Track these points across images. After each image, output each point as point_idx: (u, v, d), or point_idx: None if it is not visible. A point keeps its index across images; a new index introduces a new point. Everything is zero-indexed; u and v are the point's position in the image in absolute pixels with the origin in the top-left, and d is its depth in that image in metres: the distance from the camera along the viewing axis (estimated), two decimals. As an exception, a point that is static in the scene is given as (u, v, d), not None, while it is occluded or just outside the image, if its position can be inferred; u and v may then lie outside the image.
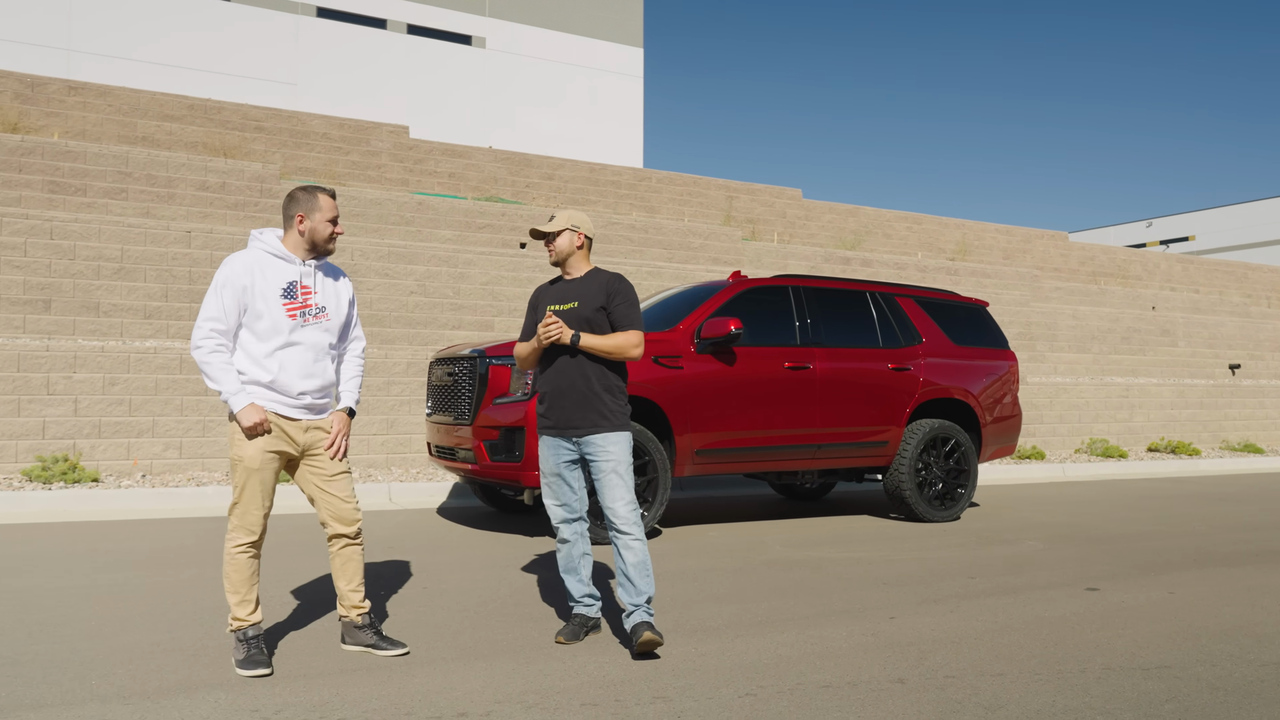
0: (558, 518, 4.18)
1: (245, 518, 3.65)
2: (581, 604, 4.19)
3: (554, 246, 4.22)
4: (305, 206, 3.71)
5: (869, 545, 6.82)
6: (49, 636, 3.99)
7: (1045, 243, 21.56)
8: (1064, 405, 14.57)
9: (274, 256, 3.72)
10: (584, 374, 4.08)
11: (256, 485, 3.64)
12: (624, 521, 4.01)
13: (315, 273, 3.79)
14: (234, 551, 3.66)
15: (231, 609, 3.66)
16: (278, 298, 3.66)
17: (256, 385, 3.65)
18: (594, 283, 4.20)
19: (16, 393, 8.57)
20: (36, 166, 11.19)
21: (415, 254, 11.64)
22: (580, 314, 4.12)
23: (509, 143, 24.08)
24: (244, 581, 3.66)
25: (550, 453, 4.15)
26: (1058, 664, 3.95)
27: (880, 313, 8.15)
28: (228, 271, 3.63)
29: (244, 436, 3.63)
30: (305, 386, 3.70)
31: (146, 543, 6.28)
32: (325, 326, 3.78)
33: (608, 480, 4.03)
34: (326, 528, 3.81)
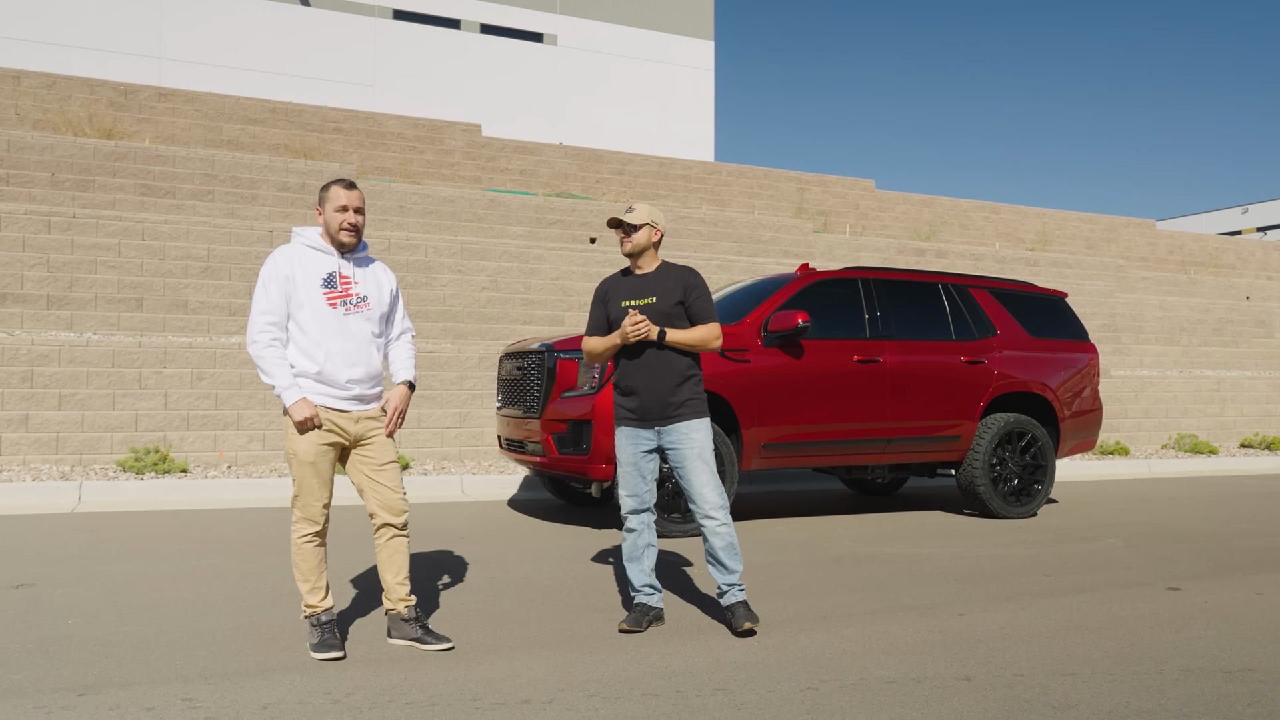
0: (628, 507, 4.25)
1: (307, 509, 3.76)
2: (642, 593, 4.26)
3: (633, 239, 4.27)
4: (321, 200, 3.82)
5: (940, 541, 6.71)
6: (137, 619, 4.19)
7: (1131, 231, 20.82)
8: (1150, 399, 14.07)
9: (313, 249, 3.81)
10: (666, 365, 4.18)
11: (313, 477, 3.73)
12: (712, 506, 4.12)
13: (354, 263, 3.86)
14: (300, 542, 3.77)
15: (304, 596, 3.78)
16: (318, 288, 3.74)
17: (305, 377, 3.73)
18: (669, 278, 4.27)
19: (112, 387, 8.98)
20: (129, 170, 11.69)
21: (487, 250, 11.83)
22: (659, 309, 4.20)
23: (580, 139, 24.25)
24: (313, 569, 3.77)
25: (629, 443, 4.23)
26: (1134, 665, 3.83)
27: (953, 305, 7.99)
28: (271, 265, 3.73)
29: (296, 431, 3.73)
30: (352, 375, 3.77)
31: (230, 531, 6.53)
32: (367, 316, 3.84)
33: (693, 467, 4.13)
34: (374, 518, 3.88)
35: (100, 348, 9.02)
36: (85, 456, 8.71)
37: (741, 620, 4.07)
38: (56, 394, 8.76)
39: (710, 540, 4.17)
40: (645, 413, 4.19)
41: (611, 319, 4.32)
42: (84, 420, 8.77)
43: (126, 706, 3.13)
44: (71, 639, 3.87)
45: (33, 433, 8.61)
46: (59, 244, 9.94)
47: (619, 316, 4.27)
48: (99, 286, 9.93)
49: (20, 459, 8.51)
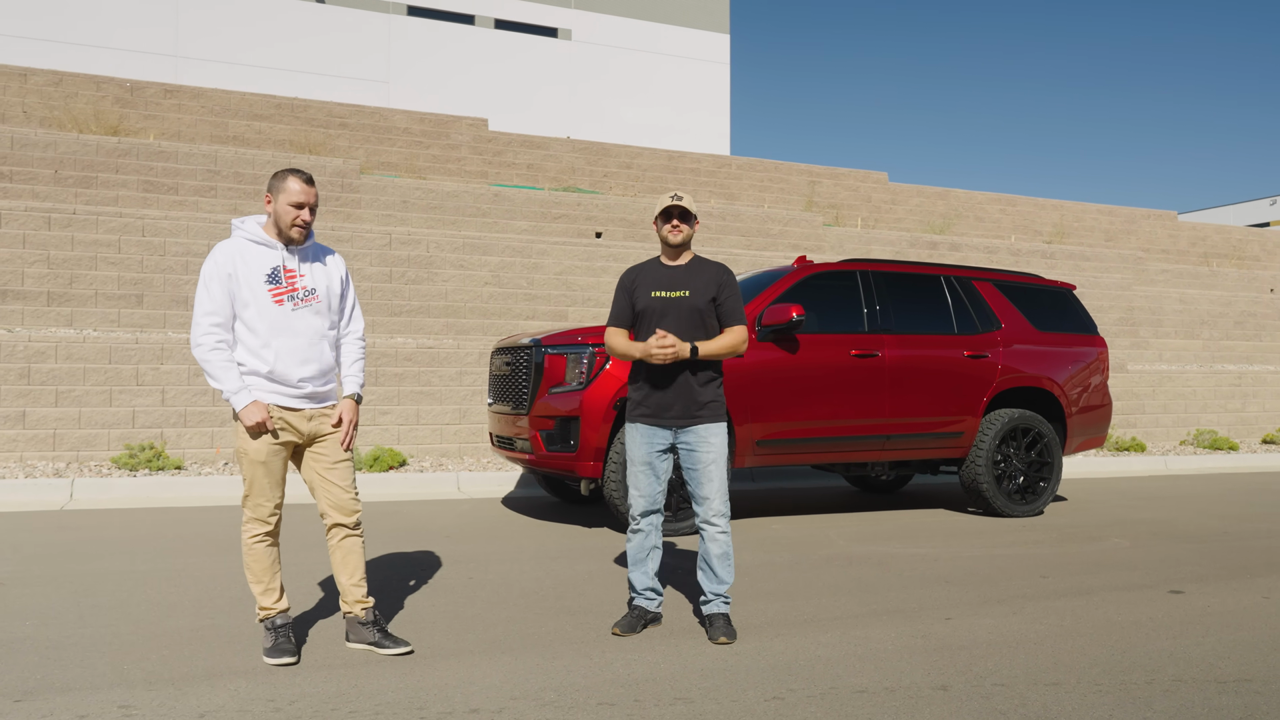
0: (639, 508, 4.12)
1: (257, 509, 3.65)
2: (643, 597, 4.13)
3: (684, 229, 4.13)
4: (273, 188, 3.60)
5: (938, 541, 6.53)
6: (98, 620, 4.10)
7: (1151, 223, 20.42)
8: (1168, 394, 13.75)
9: (254, 243, 3.63)
10: (692, 365, 4.06)
11: (264, 476, 3.62)
12: (716, 513, 4.04)
13: (299, 256, 3.68)
14: (250, 542, 3.66)
15: (257, 599, 3.68)
16: (262, 284, 3.59)
17: (256, 376, 3.61)
18: (703, 272, 4.15)
19: (109, 384, 8.95)
20: (132, 167, 11.68)
21: (490, 245, 11.72)
22: (692, 304, 4.09)
23: (595, 134, 24.11)
24: (265, 570, 3.67)
25: (644, 440, 4.10)
26: (1123, 673, 3.65)
27: (955, 298, 7.79)
28: (211, 263, 3.56)
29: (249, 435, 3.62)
30: (304, 373, 3.65)
31: (214, 529, 6.45)
32: (317, 309, 3.69)
33: (707, 471, 4.04)
34: (325, 518, 3.76)
35: (97, 344, 9.00)
36: (82, 453, 8.68)
37: (718, 633, 3.96)
38: (54, 390, 8.74)
39: (707, 545, 4.07)
40: (664, 411, 4.06)
41: (638, 309, 4.17)
42: (81, 417, 8.75)
43: (60, 714, 3.03)
44: (25, 641, 3.78)
45: (29, 429, 8.59)
46: (59, 241, 9.93)
47: (647, 307, 4.12)
48: (99, 283, 9.91)
49: (17, 456, 8.49)
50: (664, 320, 4.08)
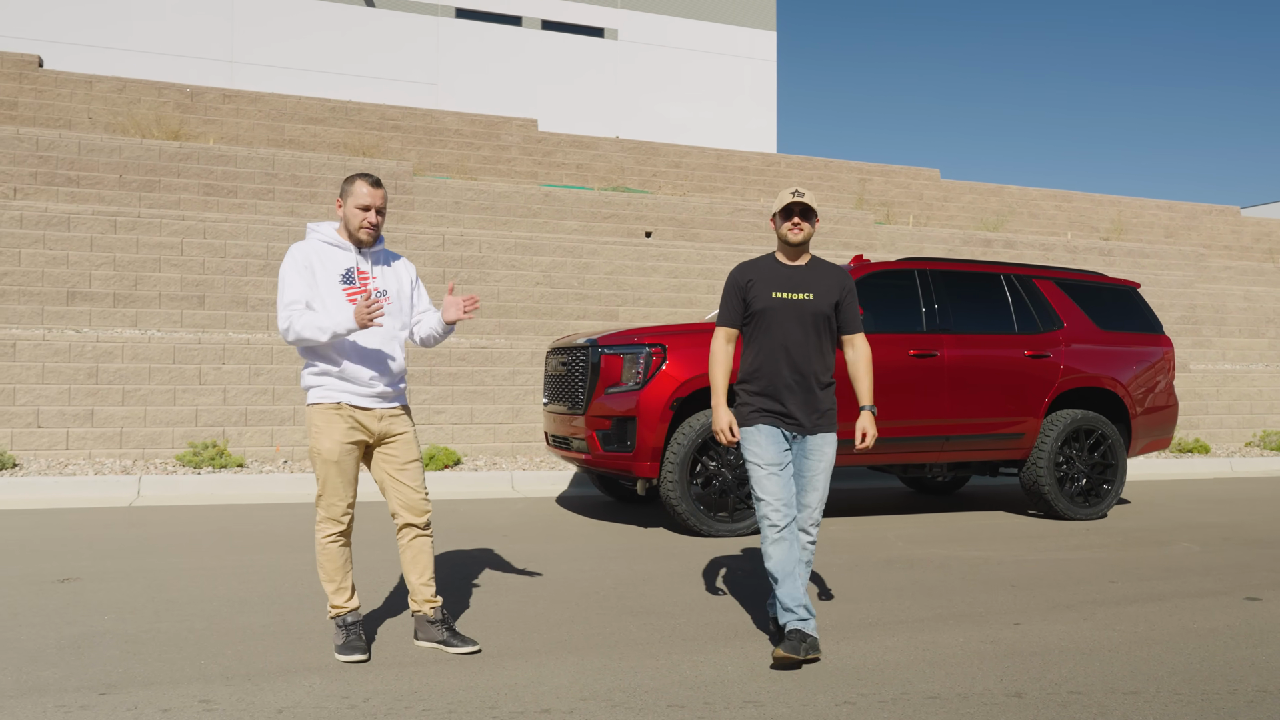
0: (777, 518, 3.79)
1: (331, 509, 3.69)
2: (797, 615, 3.74)
3: (805, 227, 3.91)
4: (343, 192, 3.69)
5: (1000, 544, 6.42)
6: (172, 615, 4.19)
7: (1213, 219, 19.89)
8: (1232, 394, 13.39)
9: (330, 245, 3.72)
10: (810, 368, 3.91)
11: (337, 476, 3.67)
12: (811, 522, 3.96)
13: (372, 258, 3.77)
14: (324, 541, 3.71)
15: (329, 597, 3.73)
16: (337, 284, 3.66)
17: (328, 376, 3.68)
18: (827, 275, 3.98)
19: (173, 383, 9.16)
20: (193, 171, 11.93)
21: (541, 245, 11.78)
22: (815, 307, 3.91)
23: (642, 133, 24.12)
24: (337, 569, 3.72)
25: (771, 443, 3.87)
26: (1203, 684, 3.56)
27: (1016, 296, 7.66)
28: (290, 260, 3.65)
29: (320, 429, 3.64)
30: (375, 372, 3.70)
31: (278, 526, 6.56)
32: (389, 310, 3.75)
33: (816, 481, 3.92)
34: (396, 518, 3.81)
35: (162, 344, 9.21)
36: (147, 451, 8.89)
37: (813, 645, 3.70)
38: (120, 389, 8.96)
39: (805, 559, 3.94)
40: (787, 413, 3.89)
41: (754, 309, 3.93)
42: (146, 415, 8.96)
43: (143, 707, 3.10)
44: (104, 635, 3.88)
45: (97, 427, 8.82)
46: (125, 243, 10.18)
47: (767, 308, 3.89)
48: (162, 284, 10.14)
49: (86, 453, 8.73)
50: (787, 324, 3.89)
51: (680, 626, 4.18)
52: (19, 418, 8.68)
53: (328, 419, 3.67)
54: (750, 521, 6.54)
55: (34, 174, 11.32)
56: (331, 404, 3.67)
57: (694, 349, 6.56)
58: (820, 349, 3.93)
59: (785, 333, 3.89)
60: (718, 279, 12.33)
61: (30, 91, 13.56)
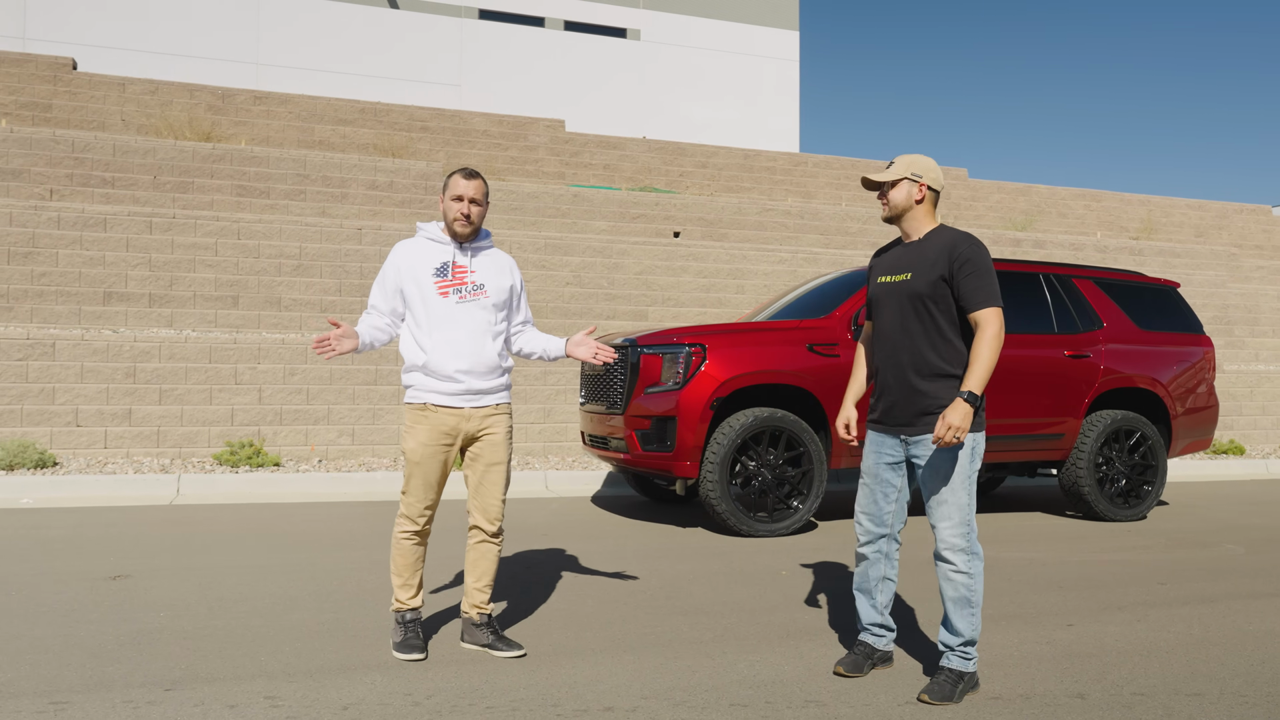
0: (861, 531, 3.58)
1: (409, 508, 3.70)
2: (870, 632, 3.61)
3: (888, 199, 3.47)
4: (442, 189, 3.78)
5: (1042, 544, 6.37)
6: (226, 613, 4.22)
7: (1244, 218, 19.68)
8: (1267, 395, 13.24)
9: (431, 240, 3.79)
10: (914, 358, 3.39)
11: (419, 478, 3.67)
12: (945, 545, 3.34)
13: (470, 253, 3.79)
14: (399, 536, 3.73)
15: (394, 590, 3.75)
16: (430, 276, 3.70)
17: (415, 372, 3.69)
18: (934, 246, 3.40)
19: (209, 382, 9.23)
20: (226, 172, 12.03)
21: (570, 245, 11.80)
22: (913, 288, 3.38)
23: (663, 133, 24.12)
24: (407, 566, 3.73)
25: (873, 450, 3.55)
26: (1267, 684, 3.52)
27: (1055, 296, 7.60)
28: (388, 260, 3.77)
29: (409, 428, 3.67)
30: (459, 365, 3.65)
31: (318, 525, 6.60)
32: (483, 304, 3.72)
33: (929, 489, 3.38)
34: (470, 517, 3.82)
35: (198, 344, 9.28)
36: (184, 449, 8.97)
37: (929, 689, 3.27)
38: (157, 389, 9.05)
39: (941, 585, 3.40)
40: (889, 415, 3.46)
41: (870, 297, 3.63)
42: (183, 414, 9.04)
43: (210, 703, 3.13)
44: (162, 632, 3.91)
45: (135, 426, 8.90)
46: (160, 244, 10.27)
47: (873, 295, 3.59)
48: (197, 285, 10.22)
49: (124, 451, 8.81)
50: (887, 311, 3.48)
51: (732, 626, 4.17)
52: (58, 417, 8.77)
53: (415, 418, 3.69)
54: (789, 522, 6.52)
55: (70, 175, 11.45)
56: (419, 404, 3.68)
57: (734, 349, 6.55)
58: (923, 336, 3.38)
59: (884, 321, 3.50)
60: (747, 279, 12.31)
61: (64, 94, 13.72)
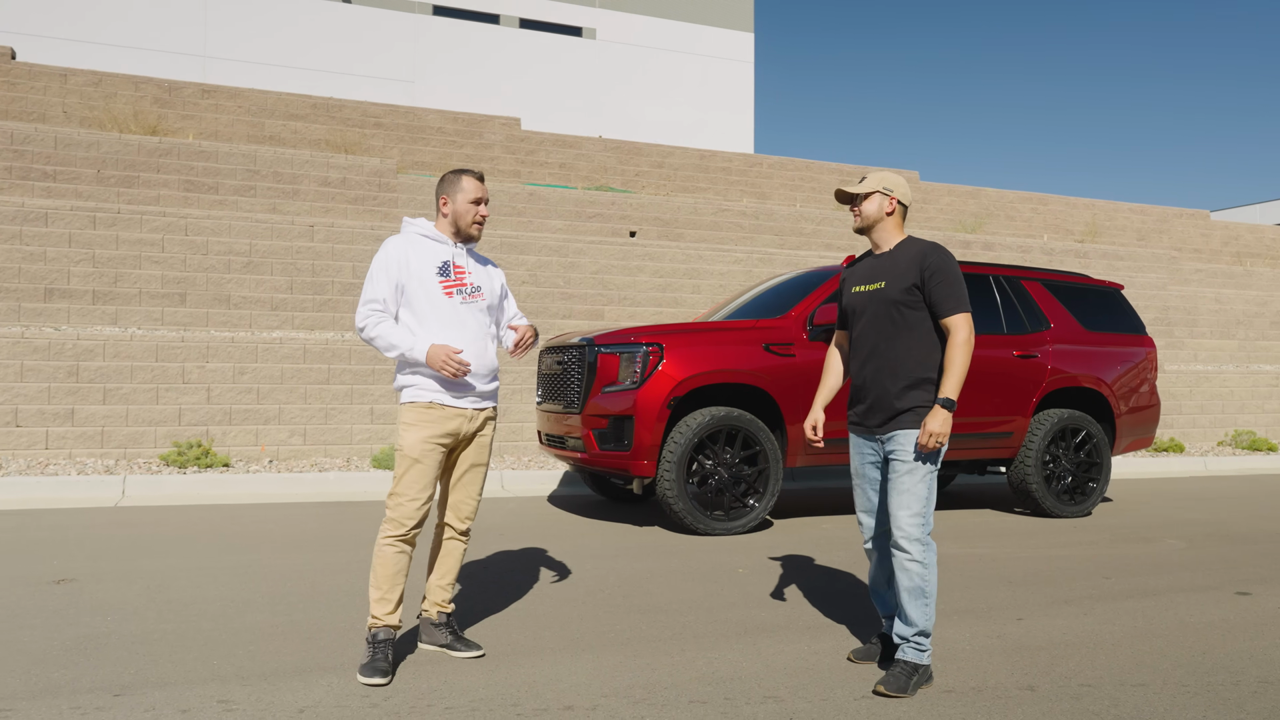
0: (863, 526, 3.73)
1: (398, 508, 3.51)
2: (887, 625, 3.76)
3: (860, 211, 3.62)
4: (449, 189, 3.65)
5: (991, 540, 6.50)
6: (176, 616, 4.14)
7: (1184, 222, 20.25)
8: (1205, 395, 13.64)
9: (426, 238, 3.66)
10: (890, 362, 3.54)
11: (415, 474, 3.51)
12: (904, 536, 3.45)
13: (468, 254, 3.72)
14: (383, 543, 3.52)
15: (370, 605, 3.50)
16: (433, 276, 3.58)
17: (420, 374, 3.57)
18: (905, 256, 3.57)
19: (155, 381, 9.03)
20: (173, 166, 11.78)
21: (526, 244, 11.75)
22: (887, 296, 3.53)
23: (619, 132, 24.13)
24: (387, 578, 3.50)
25: (855, 451, 3.70)
26: (1207, 675, 3.63)
27: (1004, 297, 7.75)
28: (382, 255, 3.58)
29: (409, 424, 3.54)
30: (471, 370, 3.58)
31: (269, 526, 6.50)
32: (481, 307, 3.68)
33: (897, 484, 3.48)
34: (440, 514, 3.76)
35: (144, 342, 9.08)
36: (129, 450, 8.77)
37: (884, 681, 3.34)
38: (101, 388, 8.83)
39: (896, 574, 3.49)
40: (865, 416, 3.60)
41: (844, 306, 3.75)
42: (128, 414, 8.83)
43: (162, 708, 3.06)
44: (109, 636, 3.82)
45: (78, 426, 8.68)
46: (104, 239, 10.03)
47: (848, 305, 3.71)
48: (143, 282, 10.00)
49: (66, 452, 8.59)
50: (863, 318, 3.62)
51: (690, 624, 4.19)
52: (-2, 417, 8.52)
53: (418, 415, 3.56)
54: (746, 520, 6.57)
55: (9, 168, 11.12)
56: (425, 402, 3.57)
57: (691, 348, 6.58)
58: (898, 341, 3.52)
59: (860, 328, 3.64)
60: (702, 279, 12.37)
61: (3, 84, 13.32)
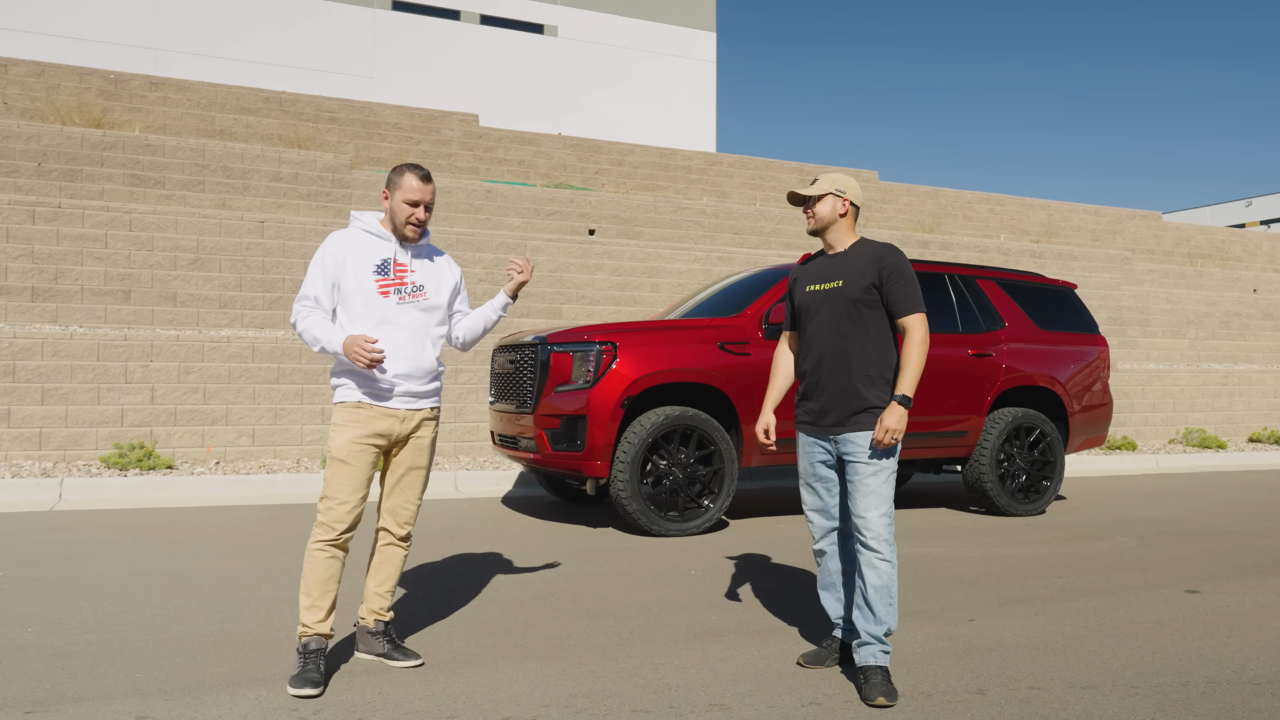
0: (814, 525, 3.68)
1: (328, 512, 3.38)
2: (838, 627, 3.70)
3: (814, 213, 3.63)
4: (391, 184, 3.52)
5: (947, 540, 6.49)
6: (102, 626, 3.96)
7: (1137, 223, 20.55)
8: (1157, 393, 13.83)
9: (369, 234, 3.54)
10: (848, 361, 3.52)
11: (343, 476, 3.38)
12: (874, 537, 3.41)
13: (413, 252, 3.58)
14: (313, 548, 3.39)
15: (300, 613, 3.37)
16: (370, 274, 3.46)
17: (353, 374, 3.45)
18: (861, 255, 3.59)
19: (96, 381, 8.76)
20: (118, 160, 11.46)
21: (483, 242, 11.59)
22: (846, 294, 3.54)
23: (581, 130, 23.98)
24: (318, 584, 3.37)
25: (804, 452, 3.65)
26: (1156, 676, 3.61)
27: (959, 296, 7.76)
28: (321, 250, 3.47)
29: (338, 425, 3.42)
30: (400, 370, 3.46)
31: (211, 530, 6.31)
32: (423, 306, 3.54)
33: (863, 486, 3.44)
34: (379, 519, 3.63)
35: (85, 341, 8.80)
36: (69, 453, 8.49)
37: (874, 692, 3.26)
38: (39, 388, 8.54)
39: (864, 574, 3.42)
40: (819, 416, 3.56)
41: (796, 305, 3.73)
42: (68, 415, 8.56)
43: (76, 725, 2.91)
44: (28, 649, 3.64)
45: (15, 428, 8.39)
46: (44, 235, 9.72)
47: (801, 303, 3.68)
48: (85, 278, 9.71)
49: (1, 455, 8.29)
50: (819, 317, 3.59)
51: (638, 629, 4.10)
52: (-71, 418, 8.20)
53: (346, 415, 3.44)
54: (701, 521, 6.49)
55: (-55, 161, 10.74)
56: (353, 402, 3.44)
57: (645, 347, 6.49)
58: (856, 340, 3.53)
59: (816, 327, 3.61)
60: (661, 277, 12.29)
61: (-60, 75, 12.88)
